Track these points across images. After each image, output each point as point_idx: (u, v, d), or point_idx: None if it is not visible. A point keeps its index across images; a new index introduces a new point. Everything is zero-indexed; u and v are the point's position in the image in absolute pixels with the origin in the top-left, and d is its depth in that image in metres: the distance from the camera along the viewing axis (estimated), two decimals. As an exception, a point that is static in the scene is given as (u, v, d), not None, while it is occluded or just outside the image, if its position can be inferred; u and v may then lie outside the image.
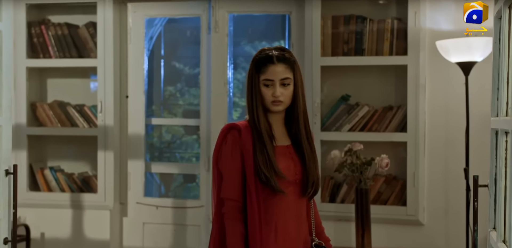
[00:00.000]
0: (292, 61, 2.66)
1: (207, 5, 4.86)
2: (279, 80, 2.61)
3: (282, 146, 2.70)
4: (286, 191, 2.66)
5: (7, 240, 3.10)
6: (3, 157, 3.08)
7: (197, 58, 5.95)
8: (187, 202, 5.08)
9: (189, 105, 7.14)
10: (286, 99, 2.64)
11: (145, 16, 5.03)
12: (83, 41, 4.96)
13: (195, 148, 6.82)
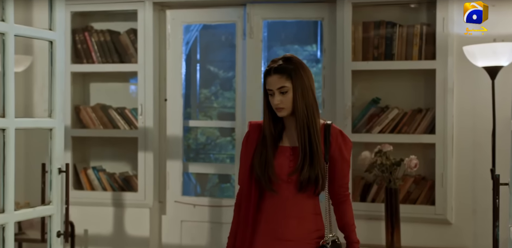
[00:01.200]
0: (290, 70, 2.85)
1: (242, 12, 5.06)
2: (276, 89, 2.85)
3: (285, 146, 2.95)
4: (279, 190, 2.91)
5: (60, 233, 3.33)
6: (56, 156, 3.31)
7: (231, 62, 6.14)
8: (223, 201, 5.28)
9: (223, 108, 7.34)
10: (286, 105, 2.86)
11: (183, 23, 5.25)
12: (124, 47, 5.19)
13: (229, 149, 7.01)
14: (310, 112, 2.88)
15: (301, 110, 2.86)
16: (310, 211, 2.93)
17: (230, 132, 6.50)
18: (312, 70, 8.30)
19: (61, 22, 3.26)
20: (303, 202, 2.92)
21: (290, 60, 2.90)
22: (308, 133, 2.88)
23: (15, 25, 2.95)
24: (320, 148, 2.89)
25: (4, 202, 3.01)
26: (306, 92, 2.88)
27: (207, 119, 6.98)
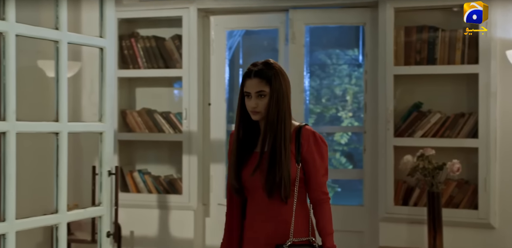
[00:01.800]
0: (270, 75, 2.86)
1: (285, 18, 5.13)
2: (254, 92, 2.86)
3: (256, 152, 2.93)
4: (253, 194, 2.93)
5: (109, 233, 3.44)
6: (105, 159, 3.43)
7: (273, 67, 6.21)
8: (266, 204, 5.34)
9: (265, 112, 7.41)
10: (261, 110, 2.86)
11: (226, 29, 5.35)
12: (169, 52, 5.31)
13: (271, 153, 7.07)
14: (281, 118, 2.87)
15: (271, 116, 2.85)
16: (287, 216, 2.90)
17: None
18: (354, 74, 8.38)
19: (111, 29, 3.38)
20: (278, 207, 2.89)
21: (271, 66, 2.90)
22: (274, 139, 2.86)
23: (68, 33, 3.07)
24: (287, 153, 2.86)
25: (58, 203, 3.13)
26: (282, 98, 2.87)
27: (249, 124, 7.04)
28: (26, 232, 3.03)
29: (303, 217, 2.95)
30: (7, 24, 2.73)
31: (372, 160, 4.99)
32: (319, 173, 2.92)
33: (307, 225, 2.96)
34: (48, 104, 4.87)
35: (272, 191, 2.86)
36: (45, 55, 4.84)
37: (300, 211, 2.93)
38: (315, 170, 2.91)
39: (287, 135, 2.86)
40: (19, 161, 2.94)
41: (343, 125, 8.47)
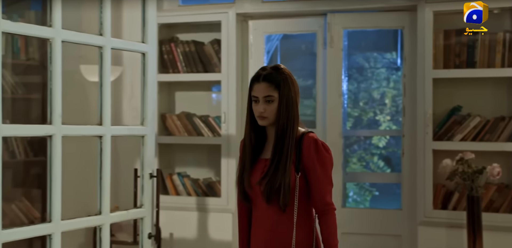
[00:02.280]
0: (279, 80, 2.79)
1: (323, 22, 5.15)
2: (262, 97, 2.79)
3: (263, 158, 2.86)
4: (256, 201, 2.86)
5: (151, 235, 3.51)
6: (147, 162, 3.50)
7: (310, 71, 6.23)
8: (303, 207, 5.36)
9: (303, 116, 7.42)
10: (270, 115, 2.79)
11: (265, 33, 5.39)
12: (208, 57, 5.37)
13: (308, 157, 7.08)
14: (290, 125, 2.80)
15: (281, 122, 2.79)
16: (285, 226, 2.81)
17: (310, 139, 6.56)
18: (392, 78, 8.33)
19: (153, 35, 3.44)
20: (277, 216, 2.81)
21: (280, 70, 2.84)
22: (282, 145, 2.79)
23: (111, 39, 3.15)
24: (289, 160, 2.79)
25: (101, 204, 3.21)
26: (291, 105, 2.81)
27: (287, 127, 7.06)
28: (69, 233, 3.11)
29: (306, 229, 2.83)
30: (54, 31, 2.81)
31: (410, 163, 4.98)
32: (321, 182, 2.81)
33: (311, 237, 2.83)
34: (89, 108, 4.99)
35: (270, 197, 2.78)
36: (86, 60, 4.94)
37: (302, 223, 2.82)
38: (316, 179, 2.80)
39: (293, 143, 2.80)
40: (63, 163, 3.01)
41: (381, 128, 8.44)
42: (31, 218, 4.92)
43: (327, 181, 2.83)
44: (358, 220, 5.20)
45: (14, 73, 4.94)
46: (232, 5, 5.22)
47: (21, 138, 4.75)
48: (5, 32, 2.63)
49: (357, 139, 8.22)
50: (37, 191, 5.18)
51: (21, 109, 5.10)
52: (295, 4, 5.19)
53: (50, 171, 2.89)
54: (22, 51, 4.94)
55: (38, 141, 4.90)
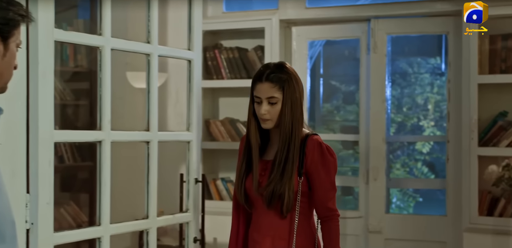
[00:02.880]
0: (283, 80, 2.66)
1: (367, 27, 5.15)
2: (265, 98, 2.66)
3: (264, 160, 2.76)
4: (256, 205, 2.76)
5: (196, 239, 3.56)
6: (193, 167, 3.56)
7: (353, 76, 6.24)
8: (347, 213, 5.37)
9: (345, 121, 7.43)
10: (273, 117, 2.67)
11: (308, 39, 5.41)
12: (251, 63, 5.42)
13: (351, 162, 7.09)
14: (295, 127, 2.68)
15: (286, 125, 2.67)
16: (286, 231, 2.71)
17: (353, 145, 6.58)
18: (436, 83, 8.27)
19: (198, 42, 3.51)
20: (276, 221, 2.72)
21: (284, 69, 2.72)
22: (287, 149, 2.68)
23: (159, 47, 3.21)
24: (295, 164, 2.67)
25: (148, 209, 3.27)
26: (295, 106, 2.69)
27: (330, 133, 7.09)
28: (116, 236, 3.18)
29: (307, 234, 2.74)
30: (104, 39, 2.89)
31: (455, 169, 4.94)
32: (324, 187, 2.70)
33: (313, 243, 2.75)
34: (135, 114, 5.08)
35: (272, 202, 2.68)
36: (132, 67, 5.04)
37: (303, 228, 2.72)
38: (319, 183, 2.69)
39: (298, 146, 2.68)
40: (111, 168, 3.09)
41: (424, 134, 8.37)
42: (79, 221, 5.03)
43: (330, 186, 2.73)
44: (401, 226, 5.18)
45: (63, 79, 5.07)
46: (276, 11, 5.26)
47: (69, 143, 4.86)
48: (57, 41, 2.71)
49: (401, 144, 8.18)
50: (84, 195, 5.30)
51: (69, 115, 5.22)
52: (339, 10, 5.21)
53: (99, 176, 2.96)
54: (71, 58, 5.06)
55: (86, 146, 5.01)
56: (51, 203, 2.70)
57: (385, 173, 5.16)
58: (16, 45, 1.90)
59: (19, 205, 2.59)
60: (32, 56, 2.61)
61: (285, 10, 5.26)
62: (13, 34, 1.86)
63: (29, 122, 2.62)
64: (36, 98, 2.62)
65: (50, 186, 2.69)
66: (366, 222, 5.18)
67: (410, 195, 8.25)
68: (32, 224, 2.65)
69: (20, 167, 2.61)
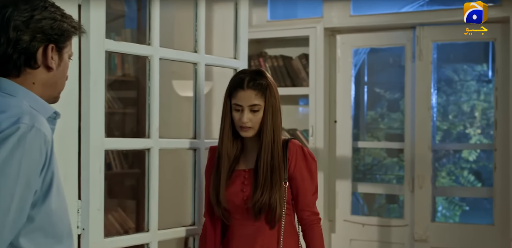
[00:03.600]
0: (264, 87, 2.61)
1: (412, 35, 5.12)
2: (247, 106, 2.60)
3: (241, 169, 2.70)
4: (236, 216, 2.69)
5: None
6: (239, 175, 3.58)
7: (397, 84, 6.20)
8: (392, 221, 5.34)
9: (390, 129, 7.39)
10: (255, 125, 2.62)
11: (353, 47, 5.41)
12: (296, 71, 5.44)
13: (395, 170, 7.04)
14: (277, 134, 2.64)
15: (268, 133, 2.62)
16: (274, 240, 2.67)
17: (397, 152, 6.53)
18: (483, 90, 8.15)
19: (244, 51, 3.54)
20: (264, 231, 2.68)
21: (263, 75, 2.66)
22: (271, 157, 2.63)
23: (205, 56, 3.26)
24: (281, 172, 2.63)
25: (195, 215, 3.31)
26: (276, 113, 2.65)
27: (374, 141, 7.06)
28: (162, 243, 3.23)
29: (292, 242, 2.72)
30: (152, 49, 2.95)
31: (503, 178, 4.87)
32: (309, 192, 2.68)
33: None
34: (180, 122, 5.15)
35: (260, 213, 2.63)
36: (178, 76, 5.11)
37: (288, 236, 2.70)
38: (304, 188, 2.67)
39: (280, 152, 2.64)
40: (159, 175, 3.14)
41: (471, 142, 8.27)
42: (126, 227, 5.12)
43: (314, 190, 2.71)
44: (448, 235, 5.12)
45: (111, 88, 5.16)
46: (320, 19, 5.27)
47: (117, 151, 4.95)
48: (106, 51, 2.78)
49: (447, 152, 8.09)
50: (131, 201, 5.38)
51: (117, 123, 5.32)
52: (384, 18, 5.19)
53: (148, 183, 3.01)
54: (119, 67, 5.16)
55: (133, 153, 5.10)
56: (101, 209, 2.76)
57: (431, 181, 5.11)
58: (69, 56, 1.98)
59: (71, 210, 2.64)
60: (84, 66, 2.68)
61: (330, 18, 5.28)
62: (66, 45, 1.94)
63: (80, 130, 2.69)
64: (87, 107, 2.68)
65: (101, 193, 2.75)
66: (412, 230, 5.14)
67: (456, 204, 8.15)
68: (83, 230, 2.71)
69: (72, 173, 2.68)
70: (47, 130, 1.82)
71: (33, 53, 1.86)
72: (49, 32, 1.87)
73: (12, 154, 1.72)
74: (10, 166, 1.72)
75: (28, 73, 1.88)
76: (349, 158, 5.42)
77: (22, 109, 1.80)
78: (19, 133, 1.73)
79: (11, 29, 1.82)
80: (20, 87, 1.86)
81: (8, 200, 1.72)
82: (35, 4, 1.86)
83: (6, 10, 1.83)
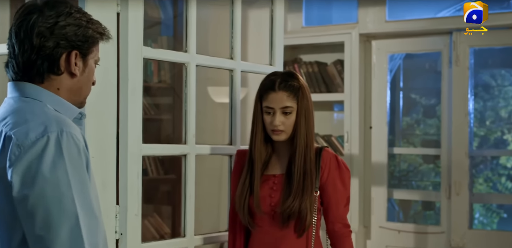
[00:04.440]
0: (297, 89, 2.53)
1: (448, 40, 5.07)
2: (279, 108, 2.52)
3: (269, 175, 2.61)
4: (261, 224, 2.59)
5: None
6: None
7: (433, 89, 6.15)
8: (428, 228, 5.29)
9: (425, 135, 7.31)
10: (287, 129, 2.53)
11: (388, 53, 5.38)
12: (331, 77, 5.43)
13: (431, 177, 6.97)
14: (310, 139, 2.55)
15: (302, 137, 2.53)
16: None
17: (433, 159, 6.47)
18: (521, 95, 8.01)
19: (280, 57, 3.55)
20: (291, 240, 2.58)
21: (295, 77, 2.57)
22: (304, 161, 2.54)
23: (241, 62, 3.28)
24: (313, 179, 2.54)
25: (231, 221, 3.33)
26: (309, 116, 2.55)
27: (410, 147, 7.01)
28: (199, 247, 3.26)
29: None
30: (189, 56, 2.98)
31: (542, 185, 4.80)
32: (341, 203, 2.60)
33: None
34: (215, 128, 5.18)
35: (288, 220, 2.54)
36: (214, 82, 5.14)
37: (317, 246, 2.64)
38: (336, 199, 2.59)
39: (313, 159, 2.55)
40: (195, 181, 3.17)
41: (509, 148, 8.14)
42: (162, 233, 5.15)
43: (347, 201, 2.64)
44: (485, 242, 5.06)
45: (147, 95, 5.22)
46: (355, 25, 5.26)
47: (153, 157, 4.99)
48: (144, 58, 2.81)
49: (484, 159, 7.97)
50: (166, 207, 5.42)
51: (153, 129, 5.37)
52: (420, 23, 5.16)
53: (184, 188, 3.03)
54: (155, 74, 5.21)
55: (169, 159, 5.14)
56: (139, 214, 2.79)
57: (468, 188, 5.05)
58: (95, 62, 1.98)
59: (109, 215, 2.70)
60: (122, 73, 2.71)
61: (365, 24, 5.26)
62: (92, 51, 1.94)
63: (119, 136, 2.73)
64: (125, 113, 2.72)
65: (138, 198, 2.79)
66: (449, 237, 5.09)
67: (494, 211, 8.03)
68: (121, 235, 2.74)
69: (111, 179, 2.71)
70: (75, 130, 1.82)
71: (56, 60, 1.86)
72: (72, 39, 1.87)
73: (55, 164, 1.72)
74: (57, 175, 1.71)
75: (52, 79, 1.88)
76: (385, 164, 5.39)
77: (48, 115, 1.80)
78: (52, 142, 1.73)
79: (35, 35, 1.83)
80: (44, 91, 1.86)
81: (70, 206, 1.71)
82: (60, 10, 1.86)
83: (31, 17, 1.85)
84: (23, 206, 1.70)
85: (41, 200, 1.69)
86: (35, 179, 1.70)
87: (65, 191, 1.71)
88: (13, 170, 1.71)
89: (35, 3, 1.88)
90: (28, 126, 1.76)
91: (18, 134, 1.75)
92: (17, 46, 1.86)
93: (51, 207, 1.69)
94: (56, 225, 1.69)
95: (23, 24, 1.85)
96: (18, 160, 1.72)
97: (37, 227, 1.69)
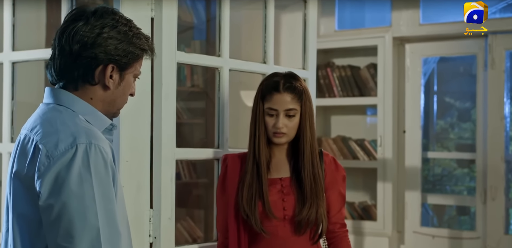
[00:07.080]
0: (301, 91, 2.48)
1: (484, 44, 5.01)
2: (283, 110, 2.46)
3: (274, 178, 2.54)
4: (273, 230, 2.49)
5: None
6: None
7: (467, 93, 6.07)
8: (463, 233, 5.23)
9: (460, 139, 7.22)
10: (290, 132, 2.47)
11: (422, 56, 5.34)
12: (364, 81, 5.40)
13: (466, 181, 6.87)
14: (314, 143, 2.52)
15: (308, 141, 2.48)
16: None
17: (468, 163, 6.39)
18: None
19: (313, 61, 3.54)
20: (304, 243, 2.52)
21: (298, 78, 2.51)
22: (312, 165, 2.48)
23: (274, 66, 3.27)
24: (322, 182, 2.49)
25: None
26: (312, 119, 2.53)
27: (444, 151, 6.93)
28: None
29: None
30: (222, 60, 2.99)
31: None
32: (341, 204, 2.60)
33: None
34: (247, 132, 5.19)
35: (305, 227, 2.48)
36: (246, 86, 5.14)
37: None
38: (338, 201, 2.58)
39: (319, 162, 2.51)
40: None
41: (545, 153, 8.04)
42: (194, 236, 5.17)
43: (344, 201, 2.64)
44: (522, 249, 4.99)
45: (180, 99, 5.24)
46: (389, 29, 5.22)
47: (186, 160, 5.02)
48: (178, 63, 2.83)
49: (520, 163, 7.86)
50: (199, 211, 5.44)
51: (186, 133, 5.39)
52: (454, 26, 5.10)
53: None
54: (188, 78, 5.24)
55: (201, 163, 5.16)
56: (172, 218, 2.81)
57: (504, 193, 4.98)
58: (134, 76, 1.96)
59: (143, 219, 2.72)
60: (156, 78, 2.73)
61: (399, 27, 5.22)
62: (131, 65, 1.92)
63: (153, 140, 2.74)
64: (159, 118, 2.74)
65: (172, 202, 2.80)
66: (484, 243, 5.02)
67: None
68: (155, 238, 2.76)
69: (145, 182, 2.73)
70: (104, 142, 1.82)
71: (91, 70, 1.86)
72: (112, 53, 1.85)
73: (81, 176, 1.73)
74: (83, 188, 1.72)
75: (87, 88, 1.88)
76: (419, 168, 5.34)
77: (78, 126, 1.80)
78: (80, 154, 1.73)
79: (75, 42, 1.83)
80: (77, 99, 1.87)
81: (93, 220, 1.72)
82: (106, 22, 1.85)
83: (77, 23, 1.85)
84: (48, 214, 1.72)
85: (65, 211, 1.71)
86: (61, 189, 1.71)
87: (89, 204, 1.72)
88: (42, 180, 1.73)
89: (84, 10, 1.88)
90: (58, 136, 1.77)
91: (48, 145, 1.76)
92: (58, 50, 1.87)
93: (74, 219, 1.71)
94: (77, 237, 1.70)
95: (67, 30, 1.85)
96: (47, 170, 1.73)
97: (59, 237, 1.71)
